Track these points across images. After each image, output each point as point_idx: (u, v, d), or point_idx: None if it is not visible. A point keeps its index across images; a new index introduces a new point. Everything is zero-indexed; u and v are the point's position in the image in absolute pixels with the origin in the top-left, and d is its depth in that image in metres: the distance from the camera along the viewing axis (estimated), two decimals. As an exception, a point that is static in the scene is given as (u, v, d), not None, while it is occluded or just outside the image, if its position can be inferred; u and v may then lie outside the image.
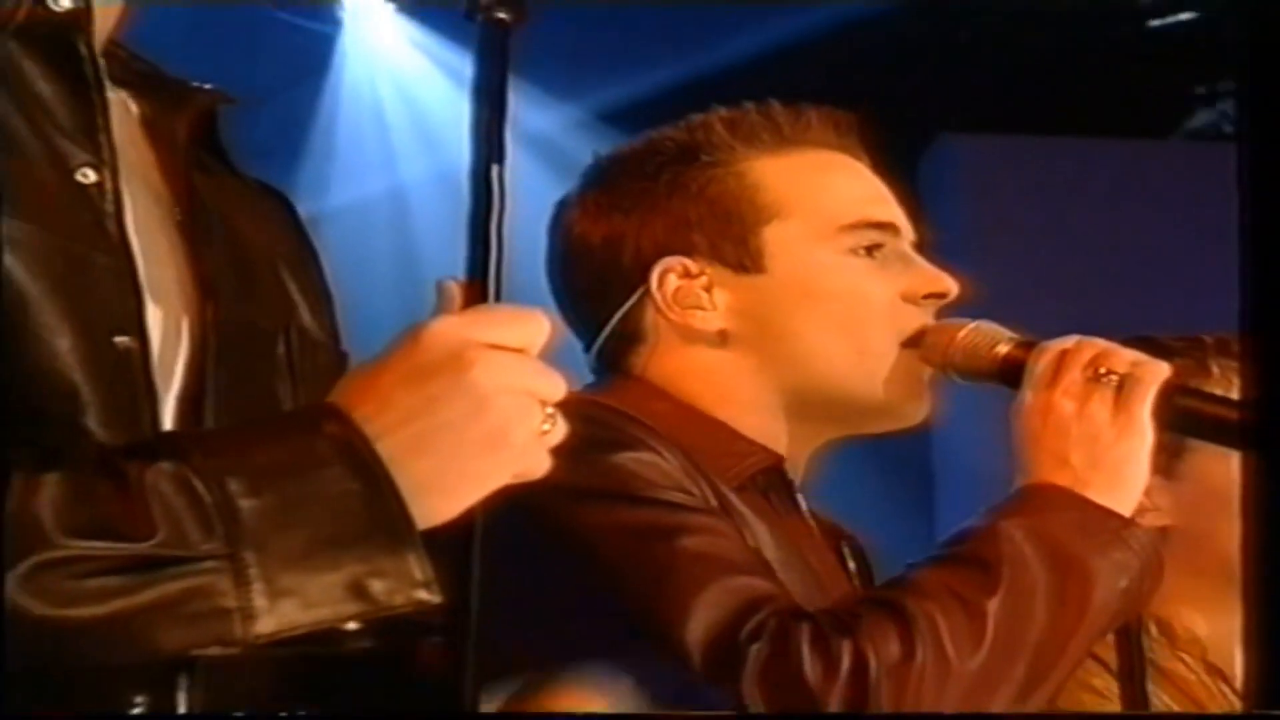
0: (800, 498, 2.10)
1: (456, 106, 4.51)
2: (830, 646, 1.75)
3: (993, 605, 1.79)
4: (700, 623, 1.78)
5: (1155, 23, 6.17)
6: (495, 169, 1.37)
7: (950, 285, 2.06)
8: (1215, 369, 2.28)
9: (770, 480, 2.06)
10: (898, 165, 2.16)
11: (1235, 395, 2.22)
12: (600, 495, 1.82)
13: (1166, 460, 2.06)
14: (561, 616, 1.78)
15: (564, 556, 1.82)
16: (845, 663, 1.74)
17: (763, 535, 1.97)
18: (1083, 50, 5.89)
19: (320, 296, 1.68)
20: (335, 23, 5.92)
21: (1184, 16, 6.05)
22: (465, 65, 1.65)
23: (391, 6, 5.91)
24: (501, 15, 1.43)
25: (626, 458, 1.84)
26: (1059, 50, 5.76)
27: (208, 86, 1.61)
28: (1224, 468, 2.14)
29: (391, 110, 5.87)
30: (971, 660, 1.80)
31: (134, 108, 1.54)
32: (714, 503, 1.91)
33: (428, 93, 5.93)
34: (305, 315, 1.66)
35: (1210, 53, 6.22)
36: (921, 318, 2.04)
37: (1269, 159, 1.30)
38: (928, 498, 5.53)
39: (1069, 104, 5.92)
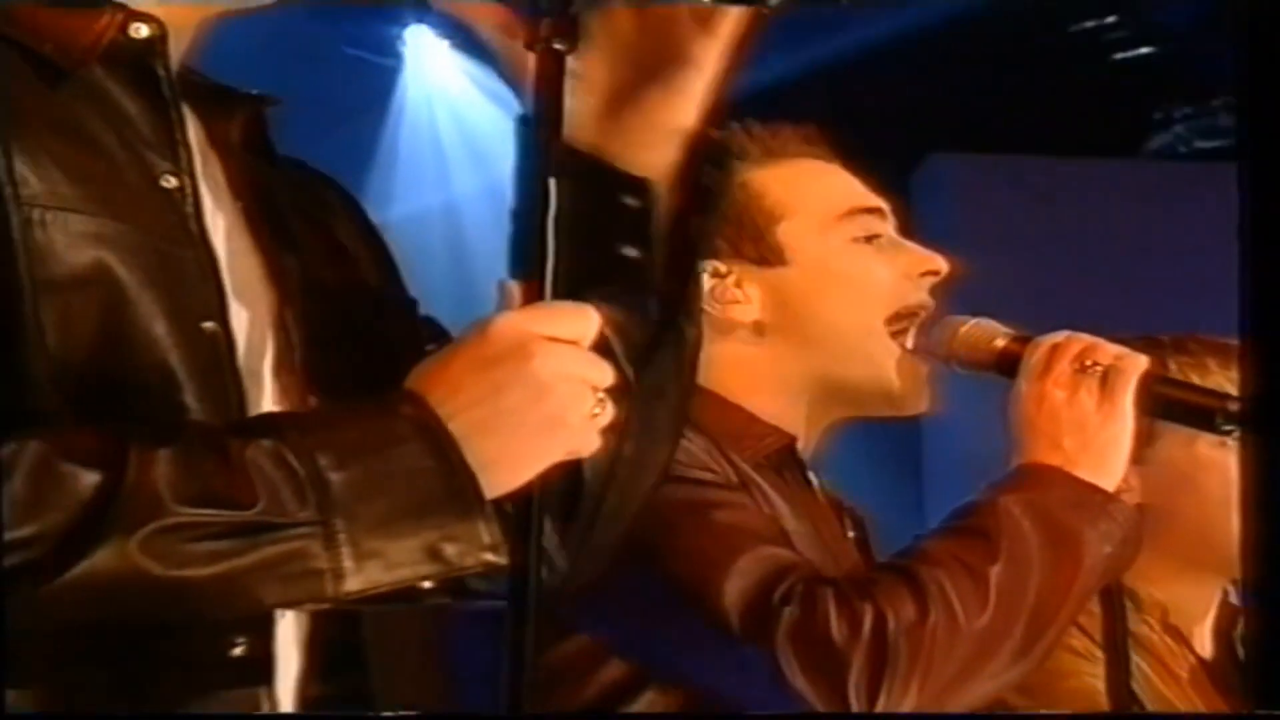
0: (811, 474, 2.08)
1: (502, 129, 4.48)
2: (853, 608, 1.76)
3: (995, 571, 1.81)
4: (735, 588, 1.78)
5: (1119, 56, 6.17)
6: (551, 182, 1.35)
7: (941, 263, 2.07)
8: (1173, 366, 2.26)
9: (784, 458, 2.05)
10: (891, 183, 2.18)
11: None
12: None
13: (1138, 447, 2.05)
14: (609, 584, 1.74)
15: None
16: (867, 623, 1.74)
17: (780, 508, 1.98)
18: (1056, 80, 5.86)
19: (385, 266, 1.67)
20: (397, 57, 5.93)
21: (1144, 50, 6.06)
22: (510, 93, 1.65)
23: (446, 43, 5.89)
24: (558, 45, 1.41)
25: None
26: (1035, 79, 5.74)
27: (254, 92, 1.59)
28: (1187, 454, 2.19)
29: (446, 133, 5.87)
30: (978, 620, 1.81)
31: (200, 117, 1.53)
32: (735, 479, 1.90)
33: (477, 118, 5.92)
34: (374, 286, 1.65)
35: (1165, 81, 6.18)
36: (919, 294, 2.04)
37: (1267, 168, 1.26)
38: (916, 474, 5.53)
39: (1045, 127, 5.89)
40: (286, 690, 1.40)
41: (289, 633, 1.41)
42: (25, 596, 1.24)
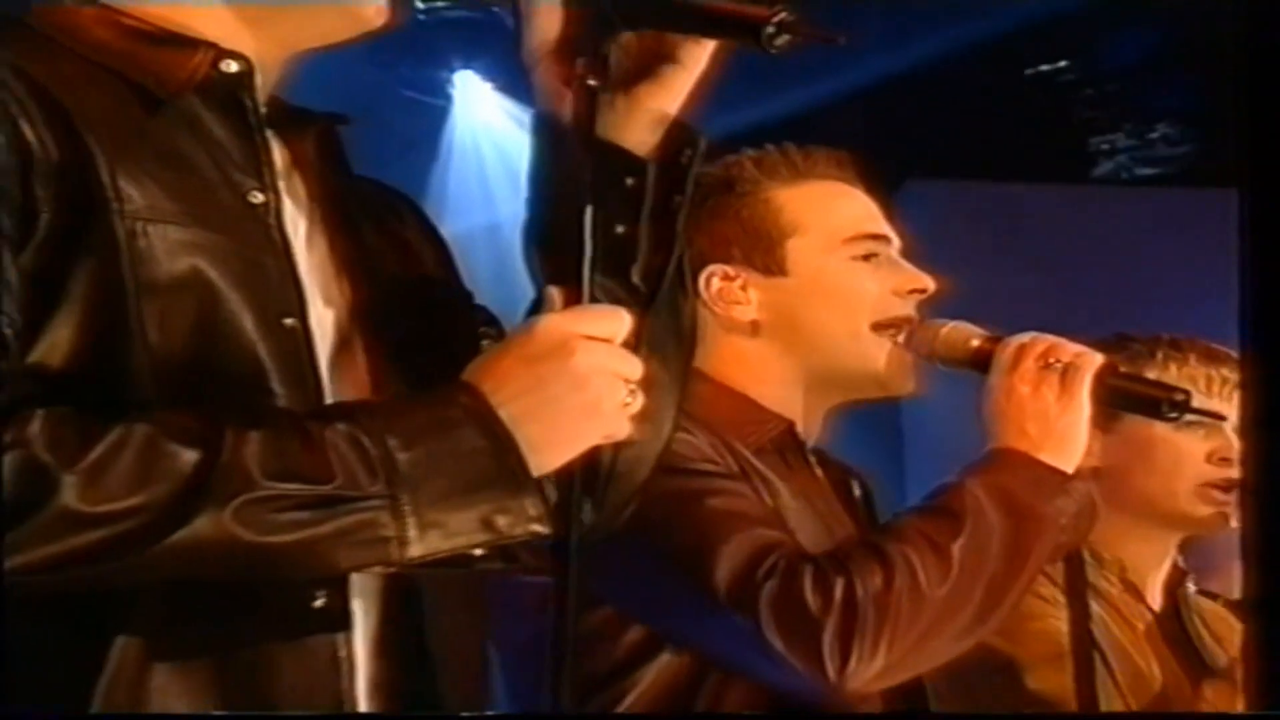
0: (810, 456, 2.07)
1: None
2: (828, 580, 1.78)
3: (957, 546, 1.82)
4: (725, 566, 1.80)
5: (1069, 94, 6.15)
6: (588, 210, 1.36)
7: (929, 283, 2.05)
8: (1159, 356, 2.33)
9: (785, 441, 2.03)
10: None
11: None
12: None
13: (1105, 419, 2.08)
14: (625, 563, 1.75)
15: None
16: (838, 592, 1.76)
17: (780, 489, 1.96)
18: (1016, 115, 5.86)
19: (446, 264, 1.65)
20: (448, 98, 5.91)
21: (1088, 92, 6.00)
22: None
23: (489, 85, 5.88)
24: (591, 81, 1.40)
25: None
26: (999, 114, 5.75)
27: (326, 112, 1.58)
28: (1145, 430, 2.23)
29: (490, 163, 5.85)
30: (939, 589, 1.82)
31: (282, 138, 1.51)
32: (736, 468, 1.90)
33: (517, 150, 5.81)
34: (436, 281, 1.63)
35: (1110, 115, 6.15)
36: (905, 308, 2.02)
37: (1265, 186, 1.21)
38: (899, 456, 5.52)
39: (1007, 156, 5.87)
40: (361, 638, 1.40)
41: (363, 586, 1.40)
42: (135, 558, 1.24)
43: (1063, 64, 6.07)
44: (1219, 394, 2.32)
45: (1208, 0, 4.80)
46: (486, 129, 6.02)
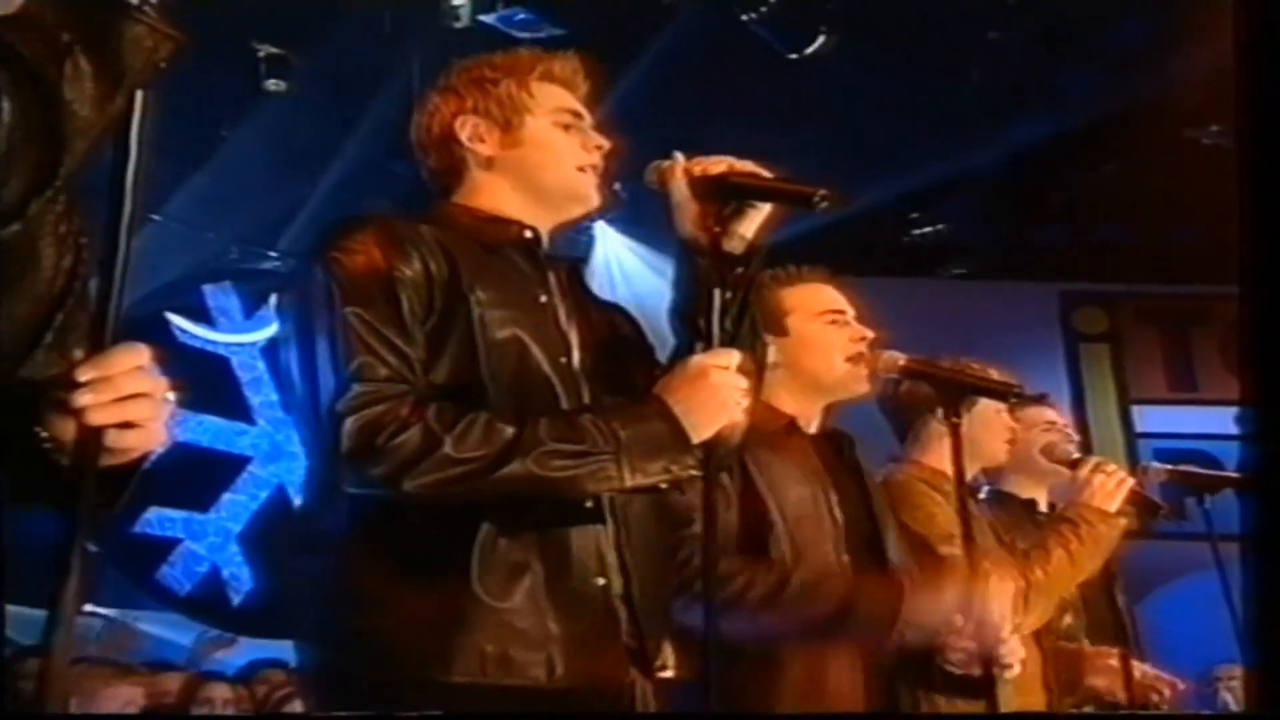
0: (810, 443, 2.24)
1: (656, 284, 5.00)
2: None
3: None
4: None
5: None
6: (716, 292, 1.67)
7: (870, 333, 2.29)
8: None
9: (790, 430, 2.22)
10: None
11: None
12: None
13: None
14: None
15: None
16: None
17: (788, 474, 2.14)
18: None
19: (640, 335, 1.86)
20: (590, 237, 6.25)
21: (932, 229, 6.47)
22: (659, 261, 2.20)
23: (613, 228, 6.28)
24: (716, 229, 1.71)
25: None
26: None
27: (573, 256, 1.84)
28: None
29: (619, 286, 6.11)
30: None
31: (553, 269, 1.77)
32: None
33: (637, 274, 6.31)
34: (632, 341, 1.85)
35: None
36: (860, 348, 2.27)
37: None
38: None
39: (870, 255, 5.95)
40: (609, 535, 1.64)
41: (604, 500, 1.63)
42: (480, 484, 1.53)
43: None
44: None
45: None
46: (617, 260, 6.39)
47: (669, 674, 1.67)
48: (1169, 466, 2.89)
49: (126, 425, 1.07)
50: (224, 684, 4.45)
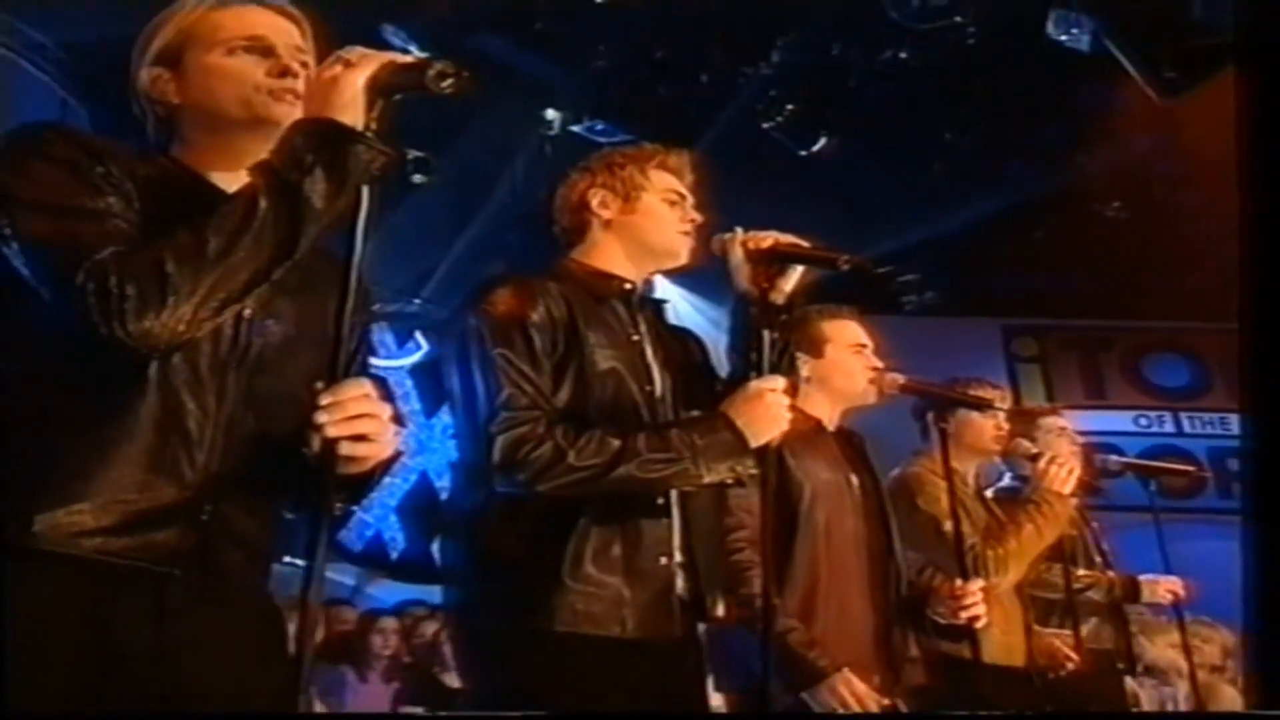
0: (832, 439, 2.19)
1: (698, 319, 4.85)
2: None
3: None
4: None
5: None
6: (766, 333, 1.63)
7: (879, 364, 2.22)
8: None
9: (818, 431, 2.17)
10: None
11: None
12: None
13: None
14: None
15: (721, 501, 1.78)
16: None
17: (817, 463, 2.10)
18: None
19: (707, 360, 1.81)
20: (653, 290, 6.17)
21: (907, 278, 6.23)
22: (710, 308, 2.21)
23: (668, 280, 6.05)
24: (764, 285, 1.68)
25: None
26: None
27: (659, 298, 1.78)
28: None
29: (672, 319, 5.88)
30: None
31: (643, 311, 1.74)
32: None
33: (690, 320, 6.04)
34: (703, 368, 1.78)
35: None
36: (874, 373, 2.20)
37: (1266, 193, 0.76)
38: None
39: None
40: (677, 517, 1.59)
41: (674, 496, 1.60)
42: (592, 486, 1.50)
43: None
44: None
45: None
46: (672, 307, 6.27)
47: (720, 614, 1.64)
48: (1125, 459, 3.07)
49: (358, 439, 1.05)
50: (389, 616, 4.52)
